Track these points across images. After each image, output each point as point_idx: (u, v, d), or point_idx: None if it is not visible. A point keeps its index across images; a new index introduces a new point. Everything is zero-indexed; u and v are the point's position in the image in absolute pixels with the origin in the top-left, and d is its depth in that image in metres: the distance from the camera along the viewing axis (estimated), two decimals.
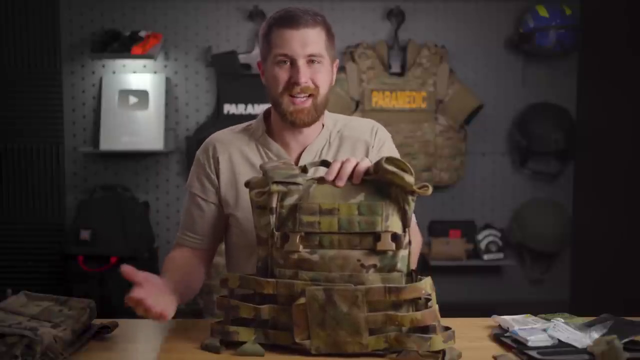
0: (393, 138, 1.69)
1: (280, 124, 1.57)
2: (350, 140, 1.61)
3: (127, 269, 1.26)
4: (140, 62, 3.86)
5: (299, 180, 1.28)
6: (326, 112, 1.62)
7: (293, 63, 1.49)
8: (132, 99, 3.82)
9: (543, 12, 3.74)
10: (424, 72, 3.79)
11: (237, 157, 1.59)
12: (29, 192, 3.83)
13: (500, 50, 3.98)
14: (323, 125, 1.61)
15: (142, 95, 3.82)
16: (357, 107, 3.78)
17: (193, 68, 3.91)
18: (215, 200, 1.61)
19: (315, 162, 1.38)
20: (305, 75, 1.48)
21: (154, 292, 1.27)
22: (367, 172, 1.26)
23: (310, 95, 1.51)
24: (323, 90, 1.52)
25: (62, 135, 3.86)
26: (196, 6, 3.88)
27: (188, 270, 1.57)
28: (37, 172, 3.83)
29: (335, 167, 1.28)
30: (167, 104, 3.87)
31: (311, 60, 1.49)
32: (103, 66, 3.87)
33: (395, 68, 3.81)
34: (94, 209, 3.69)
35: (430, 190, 1.21)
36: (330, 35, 1.54)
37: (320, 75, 1.51)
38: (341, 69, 3.74)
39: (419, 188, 1.21)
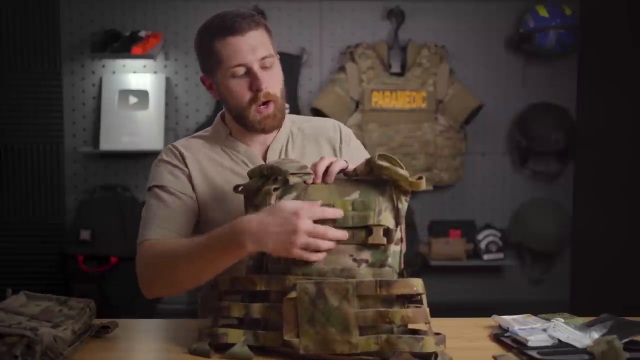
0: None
1: (242, 131, 1.56)
2: (313, 137, 1.62)
3: None
4: (140, 62, 3.86)
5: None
6: None
7: (248, 71, 1.48)
8: (132, 99, 3.82)
9: (543, 12, 3.74)
10: (424, 72, 3.78)
11: (204, 158, 1.57)
12: (29, 192, 3.83)
13: (500, 50, 3.97)
14: None
15: (142, 95, 3.82)
16: (357, 107, 3.77)
17: (193, 68, 3.90)
18: (191, 193, 1.53)
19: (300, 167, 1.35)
20: (265, 81, 1.48)
21: None
22: (356, 172, 1.29)
23: (270, 101, 1.50)
24: (278, 92, 1.52)
25: (62, 135, 3.86)
26: (196, 6, 3.87)
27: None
28: (37, 172, 3.83)
29: (320, 169, 1.31)
30: (167, 104, 3.87)
31: (264, 64, 1.48)
32: (103, 66, 3.87)
33: (395, 68, 3.80)
34: (94, 209, 3.69)
35: (424, 182, 1.22)
36: (269, 31, 1.53)
37: (274, 79, 1.50)
38: (341, 69, 3.73)
39: (415, 179, 1.23)
